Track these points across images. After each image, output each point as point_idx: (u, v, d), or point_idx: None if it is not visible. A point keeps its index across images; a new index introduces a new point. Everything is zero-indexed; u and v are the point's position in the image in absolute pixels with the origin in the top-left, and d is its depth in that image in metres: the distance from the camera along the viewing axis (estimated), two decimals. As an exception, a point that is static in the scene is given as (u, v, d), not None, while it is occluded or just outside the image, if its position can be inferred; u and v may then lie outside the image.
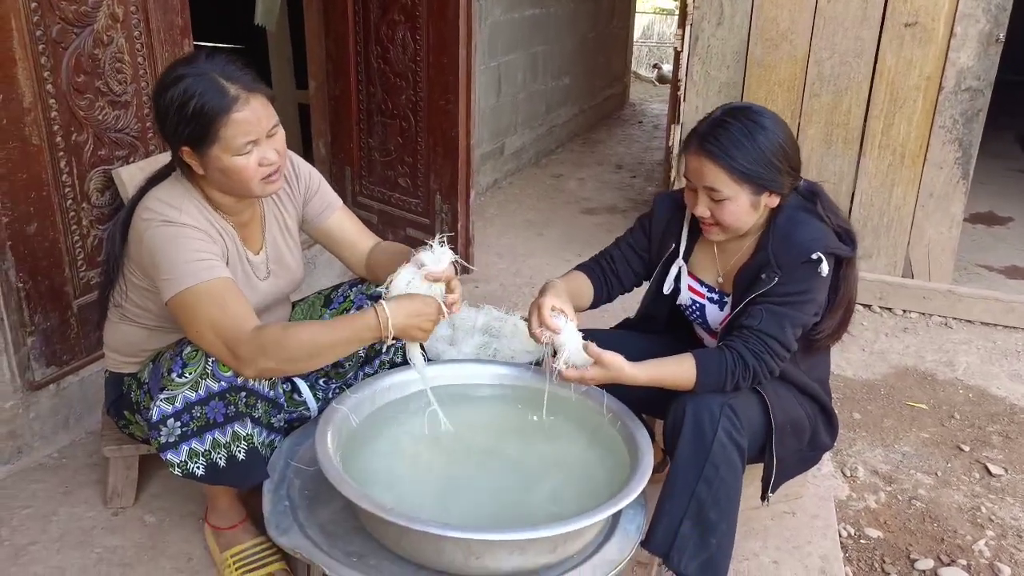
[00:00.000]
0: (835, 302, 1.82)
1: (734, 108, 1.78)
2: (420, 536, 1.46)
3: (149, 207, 1.67)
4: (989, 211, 4.66)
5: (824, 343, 1.87)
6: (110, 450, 2.02)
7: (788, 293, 1.73)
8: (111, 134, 2.28)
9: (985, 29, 3.16)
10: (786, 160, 1.73)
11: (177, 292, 1.60)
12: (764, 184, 1.73)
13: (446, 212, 3.29)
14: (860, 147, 3.44)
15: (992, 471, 2.50)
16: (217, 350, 1.62)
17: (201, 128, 1.60)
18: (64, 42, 2.10)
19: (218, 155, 1.62)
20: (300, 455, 1.81)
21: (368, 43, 3.30)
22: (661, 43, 10.60)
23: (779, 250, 1.75)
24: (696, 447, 1.69)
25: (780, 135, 1.73)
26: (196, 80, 1.60)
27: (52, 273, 2.19)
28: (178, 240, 1.63)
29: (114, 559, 1.93)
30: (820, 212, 1.80)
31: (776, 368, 1.74)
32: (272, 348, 1.58)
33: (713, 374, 1.70)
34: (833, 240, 1.76)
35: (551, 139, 5.97)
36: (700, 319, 1.98)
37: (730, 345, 1.73)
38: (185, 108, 1.59)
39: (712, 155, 1.72)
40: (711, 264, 1.94)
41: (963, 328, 3.42)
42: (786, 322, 1.72)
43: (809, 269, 1.72)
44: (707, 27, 3.51)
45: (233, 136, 1.61)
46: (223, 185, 1.70)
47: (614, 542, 1.64)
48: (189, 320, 1.61)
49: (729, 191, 1.73)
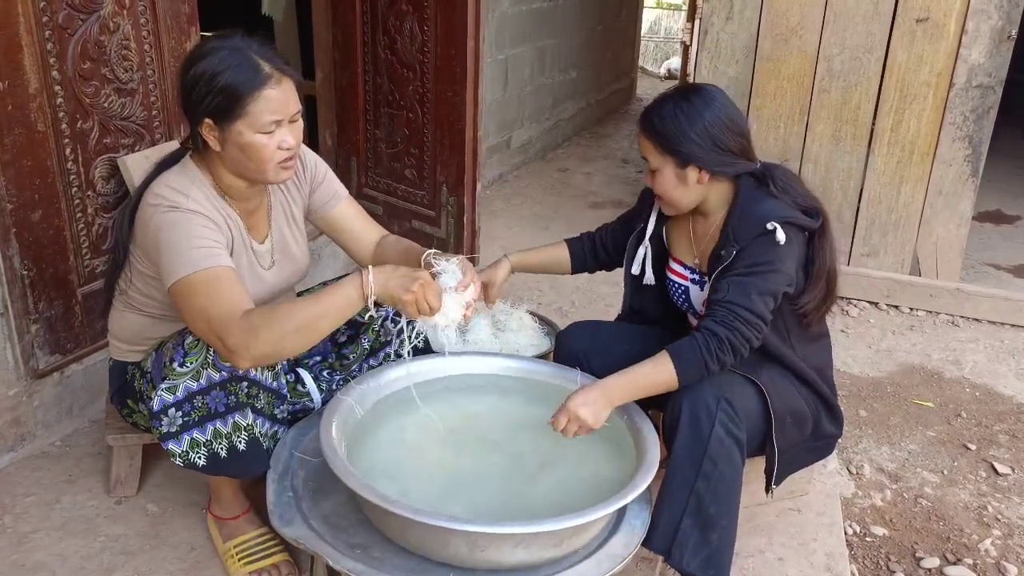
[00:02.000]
0: (813, 274, 1.82)
1: (681, 87, 1.87)
2: (425, 528, 1.45)
3: (157, 192, 1.66)
4: (997, 209, 4.64)
5: (812, 316, 1.86)
6: (113, 439, 2.02)
7: (749, 264, 1.74)
8: (117, 122, 2.27)
9: (997, 25, 3.13)
10: (711, 139, 1.76)
11: (176, 280, 1.58)
12: (686, 157, 1.78)
13: (452, 205, 3.28)
14: (869, 144, 3.42)
15: (999, 470, 2.48)
16: (211, 341, 1.59)
17: (230, 100, 1.60)
18: (70, 28, 2.09)
19: (241, 130, 1.62)
20: (304, 446, 1.80)
21: (375, 33, 3.28)
22: (668, 38, 10.56)
23: (736, 225, 1.79)
24: (693, 443, 1.68)
25: (708, 117, 1.77)
26: (232, 54, 1.61)
27: (56, 261, 2.19)
28: (182, 227, 1.61)
29: (116, 547, 1.92)
30: (773, 192, 1.82)
31: (753, 336, 1.71)
32: (262, 327, 1.53)
33: (690, 361, 1.69)
34: (790, 211, 1.78)
35: (557, 133, 5.95)
36: (687, 303, 1.99)
37: (699, 326, 1.73)
38: (216, 79, 1.59)
39: (642, 126, 1.84)
40: (688, 246, 1.97)
41: (970, 327, 3.40)
42: (751, 289, 1.72)
43: (766, 240, 1.74)
44: (716, 21, 3.49)
45: (260, 112, 1.61)
46: (238, 164, 1.68)
47: (619, 537, 1.63)
48: (185, 309, 1.60)
49: (655, 161, 1.82)
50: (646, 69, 9.43)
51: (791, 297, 1.80)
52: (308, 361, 2.03)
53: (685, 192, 1.83)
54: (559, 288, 3.58)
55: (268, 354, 1.57)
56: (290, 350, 1.59)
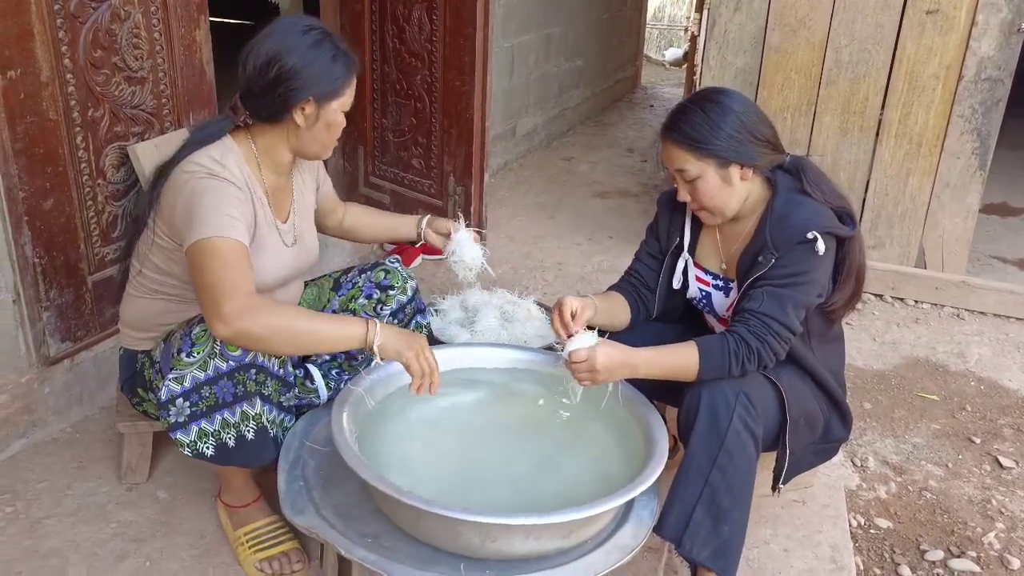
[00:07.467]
0: (843, 274, 1.82)
1: (696, 93, 1.84)
2: (437, 519, 1.46)
3: (195, 161, 1.71)
4: (1003, 202, 4.63)
5: (839, 313, 1.87)
6: (124, 426, 2.03)
7: (787, 275, 1.73)
8: (127, 110, 2.27)
9: (1007, 18, 3.12)
10: (747, 131, 1.75)
11: (201, 238, 1.60)
12: (726, 156, 1.75)
13: (459, 194, 3.28)
14: (876, 135, 3.41)
15: (1003, 463, 2.50)
16: (206, 303, 1.59)
17: (339, 81, 1.75)
18: (82, 16, 2.09)
19: (335, 109, 1.77)
20: (315, 435, 1.82)
21: (383, 22, 3.27)
22: (672, 25, 10.50)
23: (775, 231, 1.76)
24: (711, 434, 1.69)
25: (738, 108, 1.76)
26: (330, 40, 1.75)
27: (67, 248, 2.19)
28: (217, 192, 1.67)
29: (128, 534, 1.94)
30: (807, 188, 1.80)
31: (781, 350, 1.73)
32: (264, 311, 1.57)
33: (716, 359, 1.70)
34: (830, 219, 1.77)
35: (563, 121, 5.94)
36: (708, 307, 1.98)
37: (732, 329, 1.73)
38: (336, 60, 1.74)
39: (672, 137, 1.79)
40: (715, 252, 1.95)
41: (975, 320, 3.41)
42: (787, 303, 1.72)
43: (806, 249, 1.73)
44: (725, 12, 3.47)
45: (349, 96, 1.79)
46: (312, 142, 1.80)
47: (628, 528, 1.65)
48: (199, 268, 1.60)
49: (695, 168, 1.77)
50: (650, 57, 9.38)
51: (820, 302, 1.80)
52: (317, 359, 2.04)
53: (731, 194, 1.79)
54: (564, 278, 3.59)
55: (253, 336, 1.57)
56: (273, 345, 1.61)
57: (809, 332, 1.85)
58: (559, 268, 3.69)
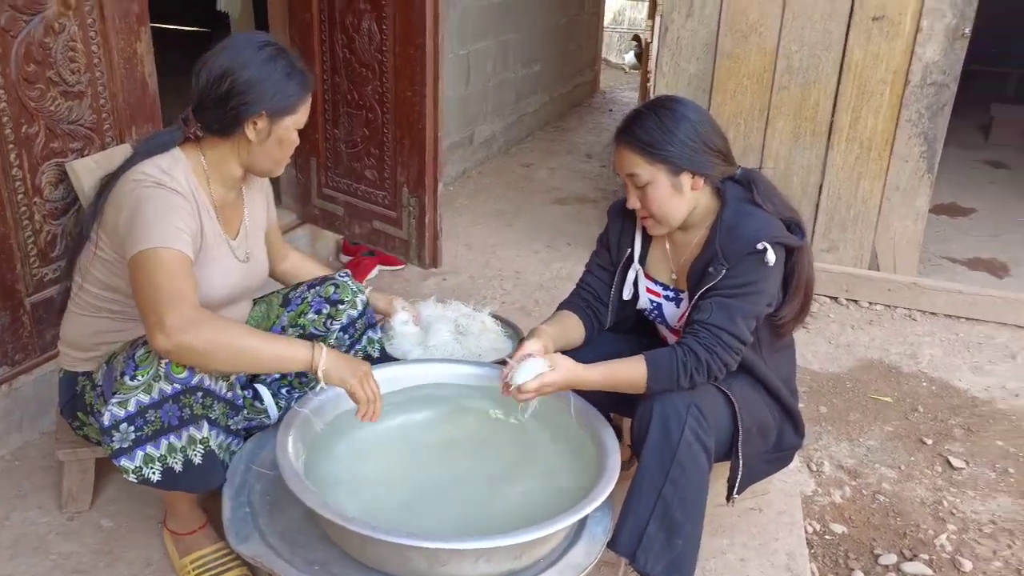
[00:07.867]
0: (792, 287, 1.83)
1: (651, 100, 1.85)
2: (385, 545, 1.43)
3: (142, 171, 1.68)
4: (952, 202, 4.71)
5: (788, 327, 1.88)
6: (64, 453, 1.97)
7: (737, 285, 1.73)
8: (64, 126, 2.20)
9: (951, 24, 3.17)
10: (700, 140, 1.76)
11: (145, 248, 1.57)
12: (679, 163, 1.75)
13: (413, 205, 3.24)
14: (828, 140, 3.45)
15: (954, 464, 2.53)
16: (147, 314, 1.54)
17: (293, 98, 1.73)
18: (13, 30, 2.02)
19: (288, 126, 1.76)
20: (261, 459, 1.77)
21: (333, 32, 3.22)
22: (632, 29, 10.56)
23: (725, 242, 1.76)
24: (662, 447, 1.68)
25: (693, 117, 1.77)
26: (285, 56, 1.74)
27: (3, 269, 2.12)
28: (164, 202, 1.64)
29: (69, 566, 1.88)
30: (757, 200, 1.80)
31: (731, 361, 1.73)
32: (208, 325, 1.53)
33: (664, 373, 1.69)
34: (779, 230, 1.77)
35: (521, 128, 5.93)
36: (659, 318, 1.98)
37: (682, 342, 1.73)
38: (291, 77, 1.73)
39: (625, 141, 1.78)
40: (665, 263, 1.95)
41: (927, 320, 3.46)
42: (736, 314, 1.72)
43: (756, 260, 1.73)
44: (677, 18, 3.49)
45: (304, 113, 1.78)
46: (264, 157, 1.77)
47: (581, 545, 1.63)
48: (141, 279, 1.56)
49: (646, 174, 1.76)
50: (609, 61, 9.43)
51: (770, 312, 1.81)
52: (266, 378, 1.99)
53: (680, 203, 1.79)
54: (523, 286, 3.57)
55: (195, 350, 1.53)
56: (214, 362, 1.58)
57: (759, 341, 1.85)
58: (517, 276, 3.68)
